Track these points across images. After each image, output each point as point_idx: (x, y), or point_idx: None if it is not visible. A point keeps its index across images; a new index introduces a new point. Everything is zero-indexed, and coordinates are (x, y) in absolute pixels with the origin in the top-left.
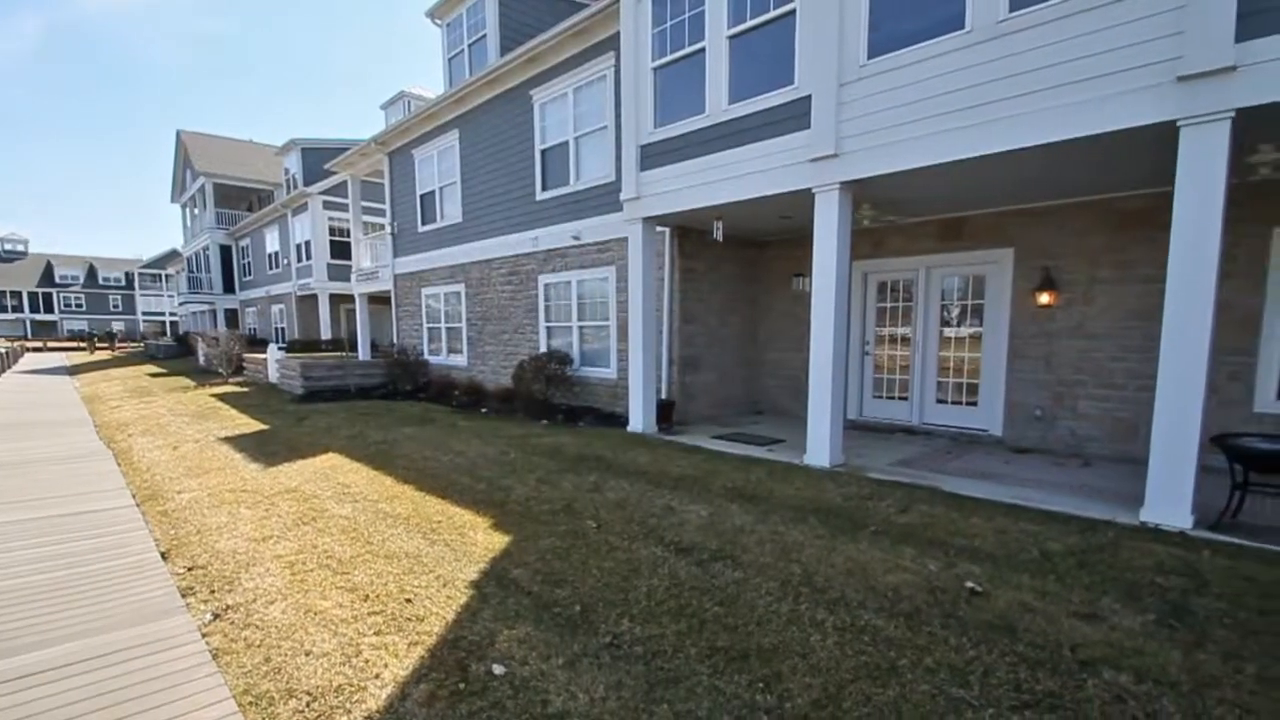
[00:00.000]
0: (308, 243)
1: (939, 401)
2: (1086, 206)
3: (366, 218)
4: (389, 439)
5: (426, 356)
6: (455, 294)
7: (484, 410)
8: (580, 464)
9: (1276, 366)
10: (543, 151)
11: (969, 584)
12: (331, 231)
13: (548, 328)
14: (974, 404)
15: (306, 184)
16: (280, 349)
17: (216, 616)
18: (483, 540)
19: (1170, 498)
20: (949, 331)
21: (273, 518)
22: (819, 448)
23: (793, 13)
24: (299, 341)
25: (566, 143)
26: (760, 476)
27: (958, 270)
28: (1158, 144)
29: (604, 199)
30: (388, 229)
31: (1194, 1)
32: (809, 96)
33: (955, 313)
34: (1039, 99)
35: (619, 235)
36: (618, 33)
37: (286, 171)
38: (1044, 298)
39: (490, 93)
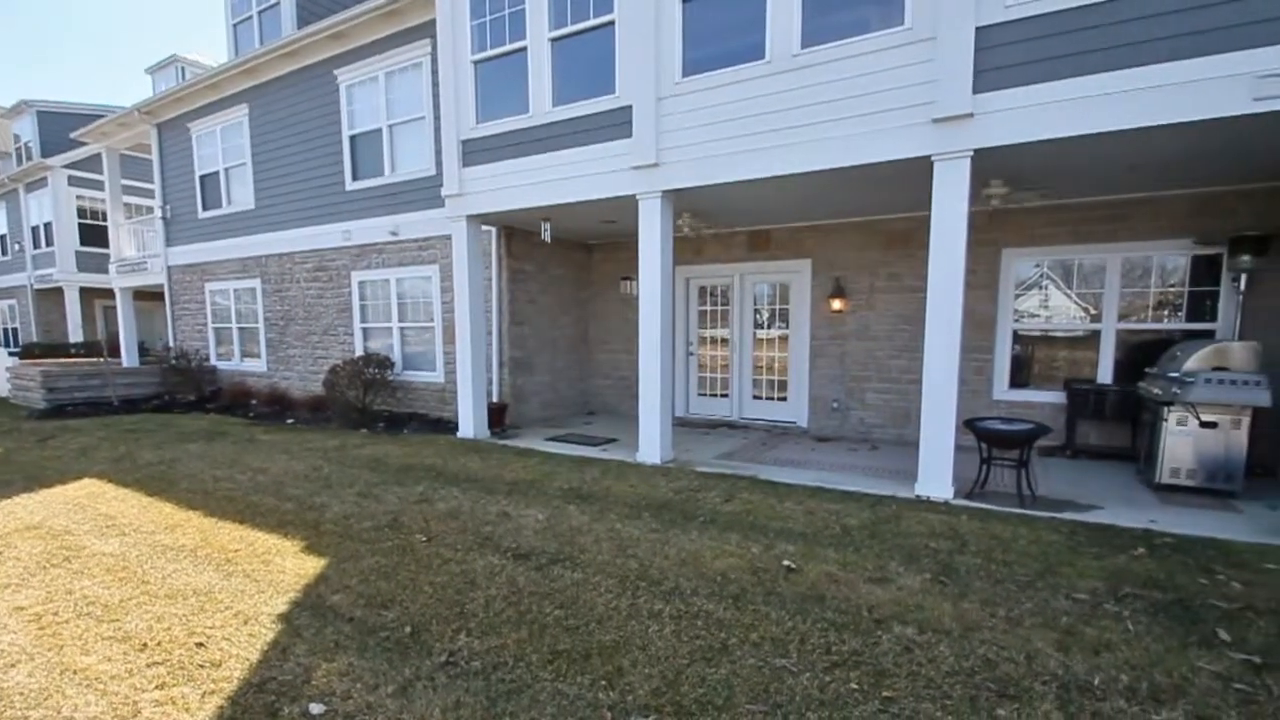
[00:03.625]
0: (49, 225)
1: (755, 398)
2: (865, 225)
3: (130, 199)
4: (168, 459)
5: (214, 362)
6: (249, 290)
7: (290, 421)
8: (406, 474)
9: (1008, 362)
10: (352, 138)
11: (785, 562)
12: (82, 213)
13: (364, 329)
14: (784, 399)
15: (45, 155)
16: (12, 354)
17: None
18: (293, 567)
19: (936, 473)
20: (761, 333)
21: (8, 562)
22: (650, 445)
23: (612, 24)
24: (39, 345)
25: (380, 130)
26: (595, 476)
27: (766, 278)
28: (920, 174)
29: (424, 193)
30: (158, 213)
31: (942, 57)
32: (630, 106)
33: (765, 316)
34: (829, 128)
35: (442, 232)
36: (435, 19)
37: (17, 139)
38: (836, 304)
39: (288, 66)
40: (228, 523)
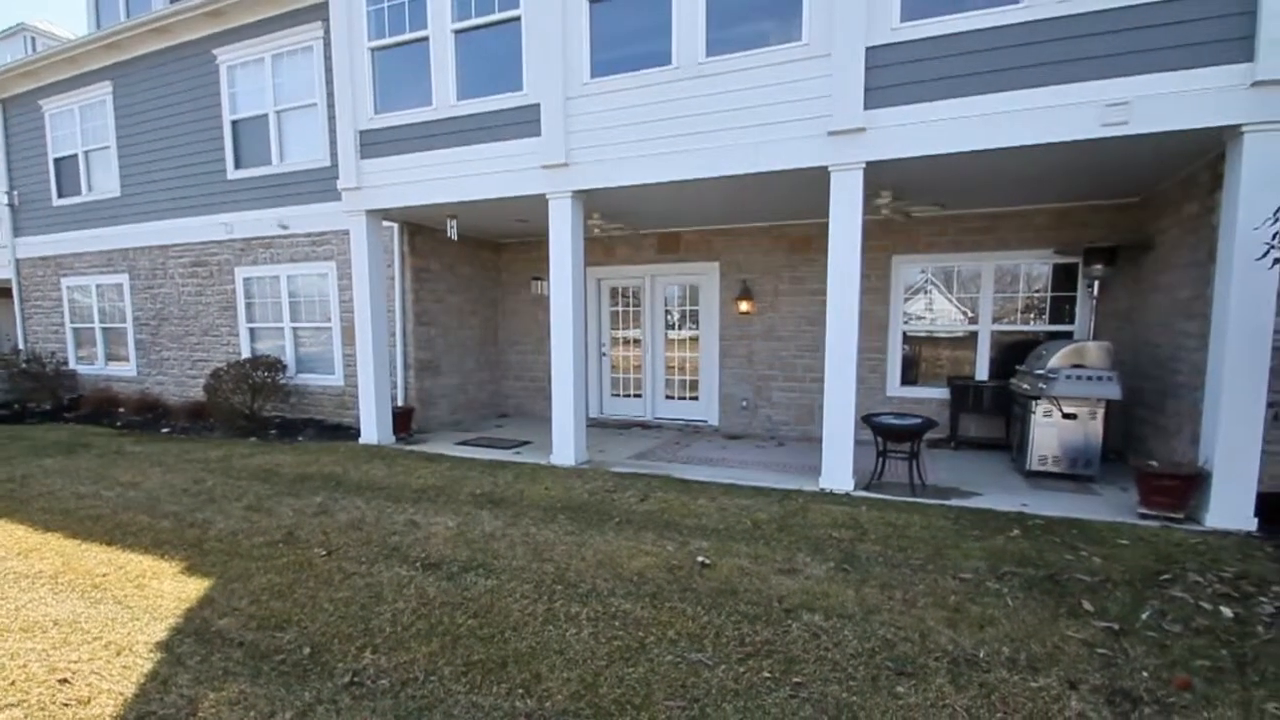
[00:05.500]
0: None
1: (668, 397)
2: (770, 230)
3: None
4: (18, 476)
5: (75, 366)
6: (116, 287)
7: (166, 430)
8: (302, 484)
9: (900, 361)
10: (234, 123)
11: (700, 558)
12: None
13: (251, 329)
14: (696, 398)
15: None
16: None
17: None
18: (172, 590)
19: (838, 467)
20: (672, 334)
21: None
22: (564, 447)
23: (518, 19)
24: None
25: (266, 116)
26: (509, 480)
27: (676, 280)
28: (819, 183)
29: (318, 185)
30: (3, 199)
31: (838, 73)
32: (538, 105)
33: (676, 317)
34: (734, 135)
35: (339, 227)
36: (327, 1)
37: None
38: (743, 305)
39: (159, 43)
40: (94, 545)
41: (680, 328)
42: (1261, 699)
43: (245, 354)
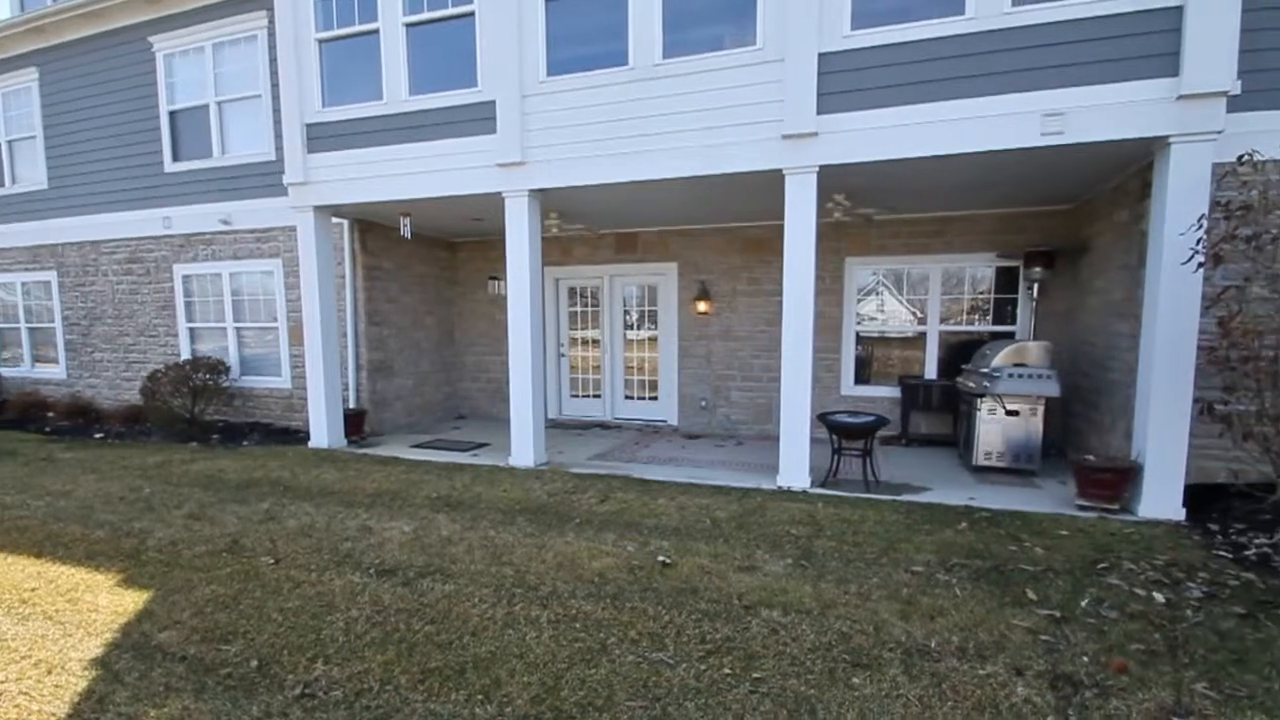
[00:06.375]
0: None
1: (627, 398)
2: (727, 232)
3: None
4: None
5: None
6: (42, 284)
7: (99, 435)
8: (247, 491)
9: (853, 361)
10: (173, 114)
11: (661, 558)
12: None
13: (191, 329)
14: (655, 399)
15: None
16: None
17: None
18: (108, 604)
19: (795, 465)
20: (631, 334)
21: None
22: (523, 448)
23: (472, 15)
24: None
25: (207, 107)
26: (466, 483)
27: (634, 280)
28: (774, 186)
29: (263, 179)
30: None
31: (791, 78)
32: (493, 102)
33: (635, 317)
34: (690, 137)
35: (285, 223)
36: None
37: None
38: (702, 306)
39: (90, 28)
40: (21, 557)
41: (639, 328)
42: (1191, 679)
43: (185, 355)
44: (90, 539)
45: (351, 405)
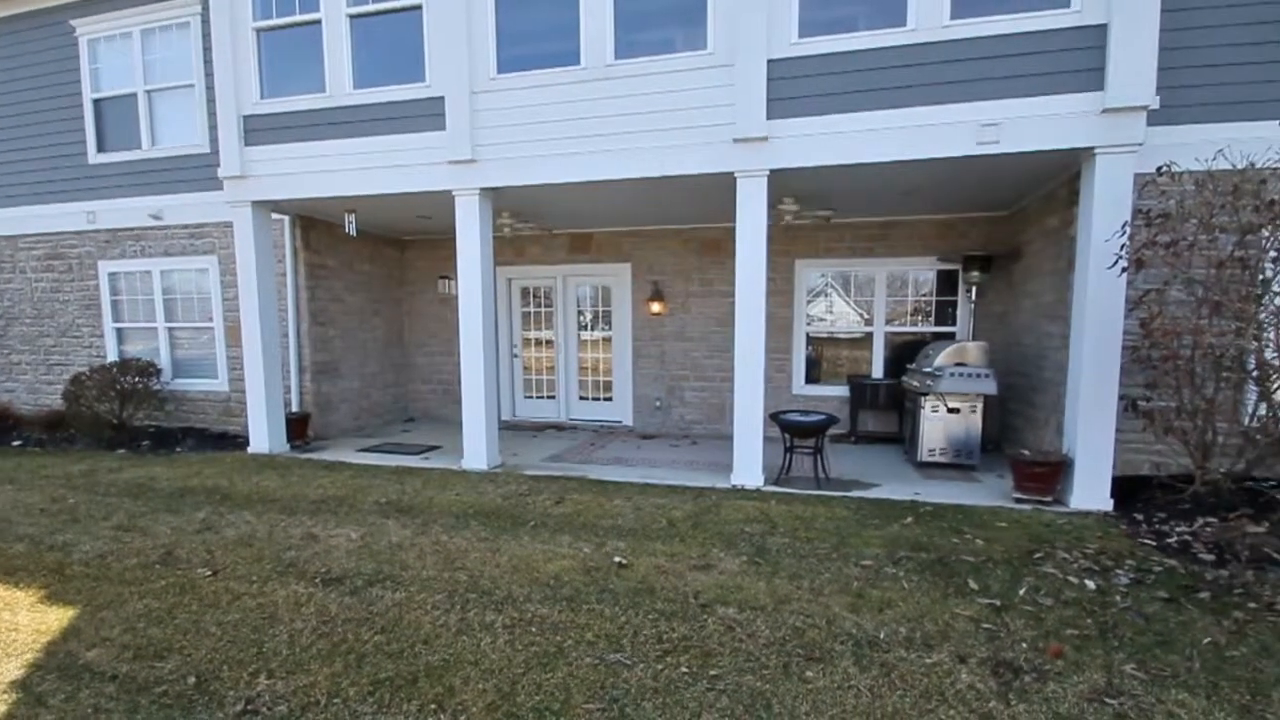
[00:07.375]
0: None
1: (582, 398)
2: (681, 233)
3: None
4: None
5: None
6: None
7: (18, 443)
8: (182, 499)
9: (804, 361)
10: (97, 102)
11: (617, 559)
12: None
13: (119, 330)
14: (610, 399)
15: None
16: None
17: None
18: (29, 622)
19: (748, 464)
20: (585, 335)
21: None
22: (476, 451)
23: (419, 8)
24: None
25: (134, 95)
26: (417, 487)
27: (588, 280)
28: (726, 188)
29: (196, 173)
30: None
31: (741, 82)
32: (442, 98)
33: (589, 318)
34: (642, 138)
35: (221, 219)
36: None
37: None
38: (655, 306)
39: (6, 9)
40: None
41: (593, 328)
42: (1121, 661)
43: (112, 357)
44: (7, 554)
45: (294, 409)
